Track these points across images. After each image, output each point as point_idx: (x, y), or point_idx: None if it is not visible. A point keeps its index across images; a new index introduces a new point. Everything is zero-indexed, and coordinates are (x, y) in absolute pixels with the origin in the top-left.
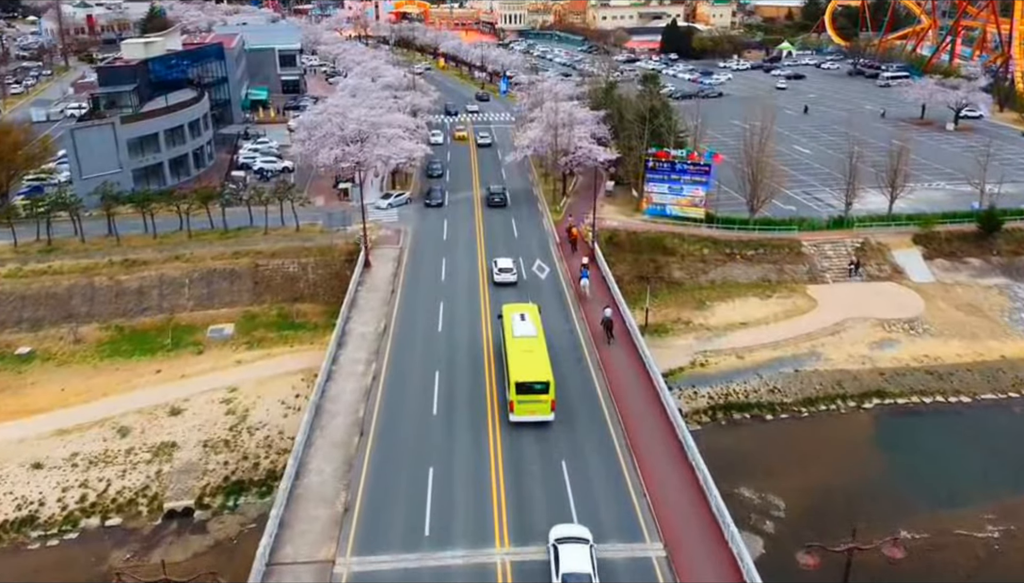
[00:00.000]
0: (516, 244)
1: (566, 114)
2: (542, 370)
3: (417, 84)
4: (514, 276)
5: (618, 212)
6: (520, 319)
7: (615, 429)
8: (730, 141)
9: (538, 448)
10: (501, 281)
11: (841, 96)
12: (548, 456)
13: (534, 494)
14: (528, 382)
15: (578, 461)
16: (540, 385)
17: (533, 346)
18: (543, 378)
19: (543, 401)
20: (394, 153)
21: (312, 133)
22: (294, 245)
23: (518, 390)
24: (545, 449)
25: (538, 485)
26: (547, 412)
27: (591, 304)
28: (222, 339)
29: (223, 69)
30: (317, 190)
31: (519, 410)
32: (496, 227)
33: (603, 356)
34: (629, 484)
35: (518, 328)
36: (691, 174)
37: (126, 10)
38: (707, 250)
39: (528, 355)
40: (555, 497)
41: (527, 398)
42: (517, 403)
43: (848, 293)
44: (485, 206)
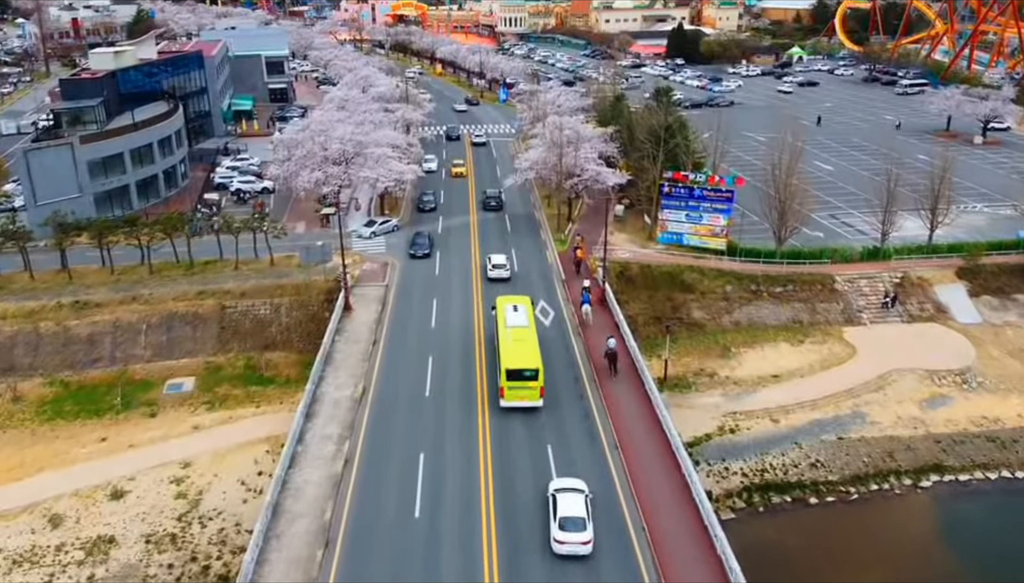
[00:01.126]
0: (516, 280)
1: (571, 131)
2: (532, 358)
3: (410, 95)
4: (507, 272)
5: (629, 241)
6: (513, 310)
7: (632, 523)
8: (745, 156)
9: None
10: (494, 277)
11: (858, 105)
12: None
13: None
14: (518, 369)
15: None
16: (530, 372)
17: (525, 335)
18: (533, 365)
19: (532, 388)
20: (382, 175)
21: (292, 152)
22: (267, 283)
23: (509, 377)
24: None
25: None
26: (536, 398)
27: (593, 332)
28: (180, 396)
29: (202, 79)
30: (298, 214)
31: (509, 396)
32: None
33: (617, 425)
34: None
35: (511, 318)
36: (711, 200)
37: (113, 13)
38: (730, 286)
39: (519, 344)
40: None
41: (517, 385)
42: (508, 389)
43: (889, 337)
44: (481, 217)
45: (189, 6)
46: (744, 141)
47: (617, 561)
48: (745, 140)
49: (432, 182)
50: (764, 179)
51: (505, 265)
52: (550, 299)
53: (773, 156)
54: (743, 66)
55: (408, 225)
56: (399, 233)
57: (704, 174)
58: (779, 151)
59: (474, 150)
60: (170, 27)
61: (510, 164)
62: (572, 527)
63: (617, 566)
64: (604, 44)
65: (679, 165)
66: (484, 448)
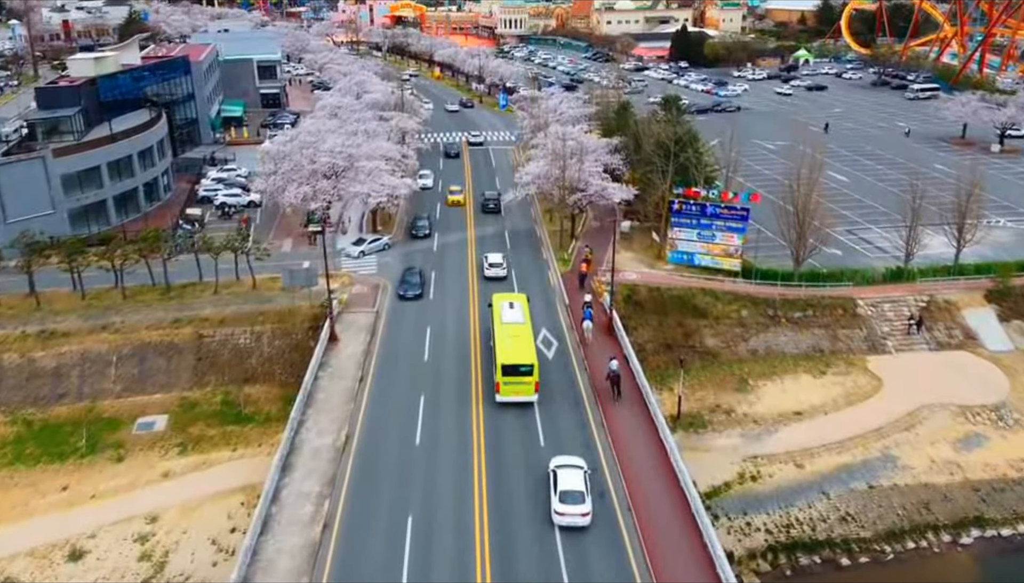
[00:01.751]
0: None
1: (574, 142)
2: (527, 354)
3: (406, 102)
4: (504, 271)
5: (637, 260)
6: (509, 307)
7: None
8: (755, 165)
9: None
10: (492, 275)
11: (869, 111)
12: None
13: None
14: (514, 364)
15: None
16: (525, 367)
17: (520, 332)
18: (528, 361)
19: (527, 383)
20: (374, 190)
21: (279, 165)
22: (247, 308)
23: (504, 372)
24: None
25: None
26: (531, 393)
27: (593, 351)
28: (150, 437)
29: (189, 85)
30: (285, 230)
31: (505, 391)
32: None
33: (627, 476)
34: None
35: (507, 315)
36: (725, 218)
37: (105, 15)
38: (745, 311)
39: (515, 339)
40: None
41: (512, 380)
42: (503, 384)
43: (916, 367)
44: (479, 232)
45: (184, 7)
46: (753, 149)
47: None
48: (754, 148)
49: (427, 201)
50: (775, 190)
51: (502, 263)
52: (553, 327)
53: (786, 165)
54: (748, 69)
55: (401, 243)
56: (392, 251)
57: (717, 190)
58: (797, 164)
59: (471, 156)
60: (163, 29)
61: (510, 174)
62: (571, 500)
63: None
64: (606, 46)
65: (690, 179)
66: (480, 512)
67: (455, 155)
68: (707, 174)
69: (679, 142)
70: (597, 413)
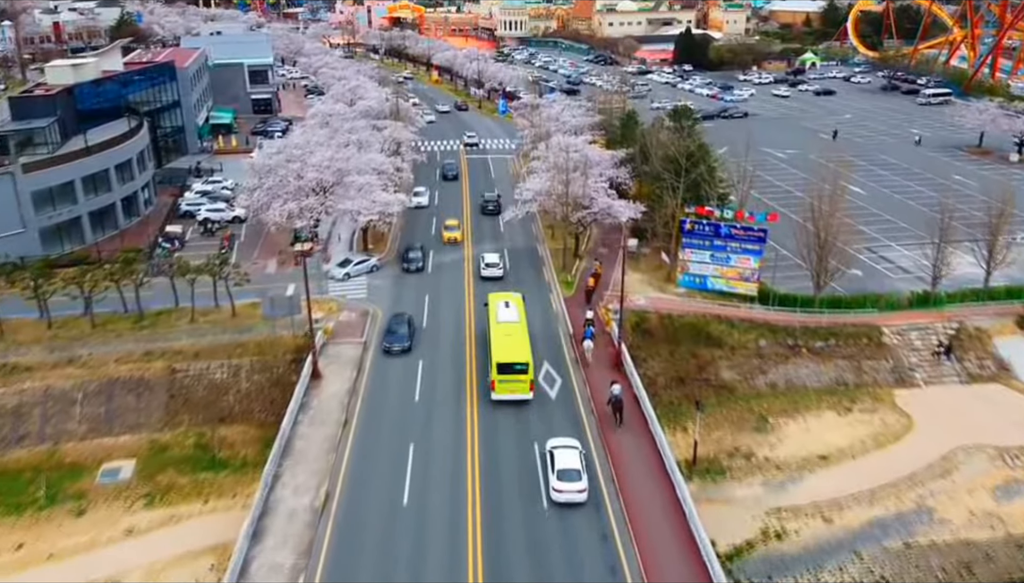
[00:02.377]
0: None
1: (578, 154)
2: (522, 352)
3: (402, 110)
4: (500, 271)
5: (645, 282)
6: (504, 306)
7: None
8: (766, 176)
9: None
10: (488, 275)
11: (880, 117)
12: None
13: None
14: (509, 363)
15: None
16: (520, 366)
17: (515, 330)
18: (523, 359)
19: (522, 381)
20: (365, 207)
21: (264, 179)
22: (225, 339)
23: (499, 370)
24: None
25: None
26: (526, 391)
27: (595, 373)
28: (115, 487)
29: (175, 91)
30: (270, 249)
31: (500, 389)
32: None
33: (642, 548)
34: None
35: (502, 314)
36: (740, 239)
37: (97, 16)
38: (764, 341)
39: (509, 338)
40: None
41: (508, 378)
42: (498, 382)
43: (947, 402)
44: (476, 251)
45: (179, 8)
46: (763, 158)
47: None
48: (764, 157)
49: (422, 223)
50: (788, 203)
51: (499, 263)
52: (556, 361)
53: (798, 176)
54: (755, 73)
55: (395, 262)
56: (383, 272)
57: (731, 208)
58: (817, 181)
59: (469, 166)
60: (155, 31)
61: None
62: (568, 478)
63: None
64: (608, 49)
65: (702, 197)
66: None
67: (453, 178)
68: (720, 191)
69: (691, 157)
70: (602, 452)
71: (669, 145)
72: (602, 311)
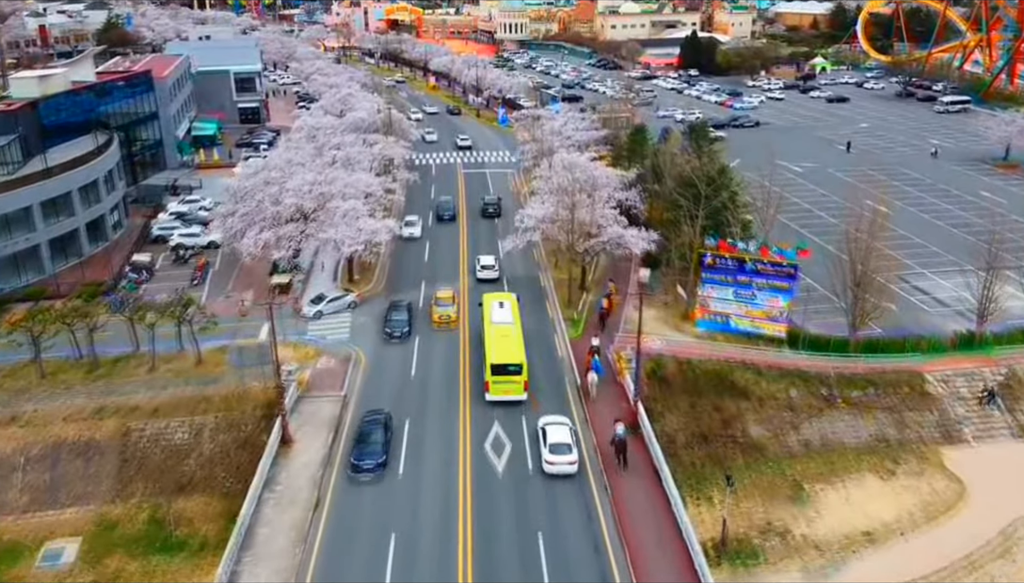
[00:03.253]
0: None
1: (584, 174)
2: (516, 353)
3: (395, 121)
4: (496, 273)
5: (660, 320)
6: (499, 307)
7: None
8: (783, 191)
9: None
10: (483, 278)
11: (896, 126)
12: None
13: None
14: (503, 364)
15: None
16: (514, 367)
17: (509, 332)
18: (517, 360)
19: (516, 382)
20: (349, 236)
21: (240, 203)
22: (188, 393)
23: (494, 372)
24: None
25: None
26: (520, 392)
27: (599, 411)
28: (55, 574)
29: (151, 103)
30: (247, 279)
31: (494, 390)
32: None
33: None
34: None
35: (496, 315)
36: (767, 276)
37: (85, 19)
38: (795, 391)
39: (504, 340)
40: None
41: (502, 379)
42: (493, 384)
43: (1001, 462)
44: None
45: (172, 10)
46: (778, 172)
47: None
48: (778, 171)
49: (411, 257)
50: (808, 224)
51: (494, 266)
52: (561, 415)
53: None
54: (764, 78)
55: (383, 296)
56: (367, 308)
57: (757, 242)
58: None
59: (465, 179)
60: (143, 35)
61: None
62: (560, 451)
63: None
64: (611, 53)
65: (721, 223)
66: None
67: (450, 218)
68: (742, 218)
69: (711, 182)
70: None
71: (685, 166)
72: (614, 357)
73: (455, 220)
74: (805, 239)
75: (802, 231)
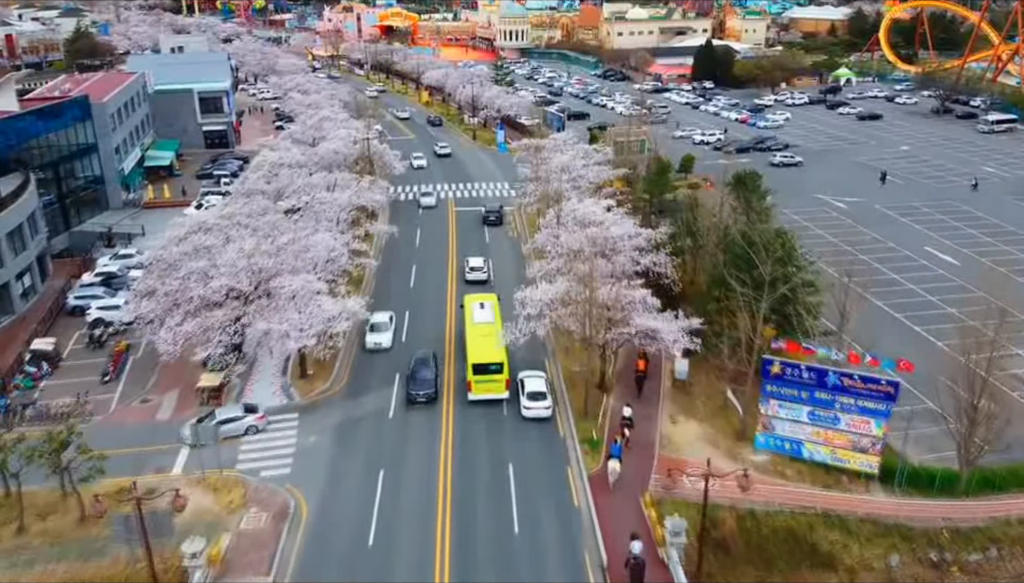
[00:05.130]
0: (514, 553)
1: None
2: (497, 353)
3: (375, 153)
4: (485, 275)
5: (706, 438)
6: (480, 307)
7: None
8: (825, 233)
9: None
10: (472, 279)
11: (938, 149)
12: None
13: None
14: (484, 363)
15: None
16: (495, 366)
17: (490, 331)
18: (498, 359)
19: (498, 380)
20: (297, 327)
21: (163, 278)
22: (60, 574)
23: (475, 371)
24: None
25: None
26: (502, 391)
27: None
28: None
29: (89, 133)
30: (173, 375)
31: (477, 389)
32: (477, 501)
33: None
34: None
35: (477, 315)
36: (856, 394)
37: (58, 27)
38: (895, 554)
39: (485, 339)
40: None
41: (483, 378)
42: (475, 383)
43: None
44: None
45: (156, 15)
46: (817, 208)
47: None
48: (817, 206)
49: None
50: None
51: (483, 267)
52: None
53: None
54: (786, 91)
55: (340, 399)
56: (322, 423)
57: (838, 345)
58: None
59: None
60: (114, 46)
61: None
62: (536, 398)
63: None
64: (619, 62)
65: (789, 320)
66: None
67: (427, 399)
68: (807, 302)
69: (777, 259)
70: None
71: (731, 225)
72: (647, 513)
73: (435, 400)
74: (870, 303)
75: (864, 293)
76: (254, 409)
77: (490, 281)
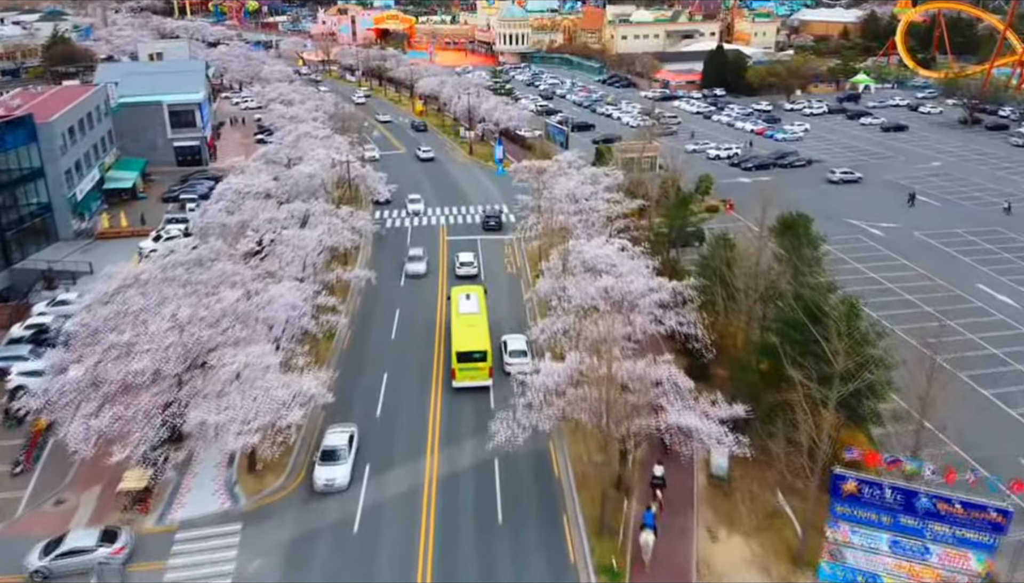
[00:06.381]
0: None
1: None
2: (481, 341)
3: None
4: (475, 270)
5: (754, 564)
6: (466, 298)
7: None
8: (861, 266)
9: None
10: (462, 274)
11: (971, 164)
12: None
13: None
14: (468, 352)
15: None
16: (479, 354)
17: (475, 321)
18: (481, 348)
19: (481, 368)
20: (240, 421)
21: (83, 355)
22: None
23: (459, 359)
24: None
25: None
26: (486, 378)
27: None
28: None
29: (35, 156)
30: (96, 469)
31: (460, 376)
32: None
33: None
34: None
35: (463, 306)
36: (953, 522)
37: (37, 32)
38: None
39: (470, 329)
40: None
41: (467, 366)
42: (459, 370)
43: None
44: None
45: (144, 18)
46: (852, 236)
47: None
48: (852, 234)
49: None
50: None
51: (472, 262)
52: None
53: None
54: (803, 99)
55: (297, 507)
56: (275, 535)
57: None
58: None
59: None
60: (94, 51)
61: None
62: (518, 356)
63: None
64: (624, 68)
65: (853, 408)
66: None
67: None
68: (878, 383)
69: (851, 342)
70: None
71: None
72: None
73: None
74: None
75: (909, 339)
76: (113, 536)
77: (480, 276)
